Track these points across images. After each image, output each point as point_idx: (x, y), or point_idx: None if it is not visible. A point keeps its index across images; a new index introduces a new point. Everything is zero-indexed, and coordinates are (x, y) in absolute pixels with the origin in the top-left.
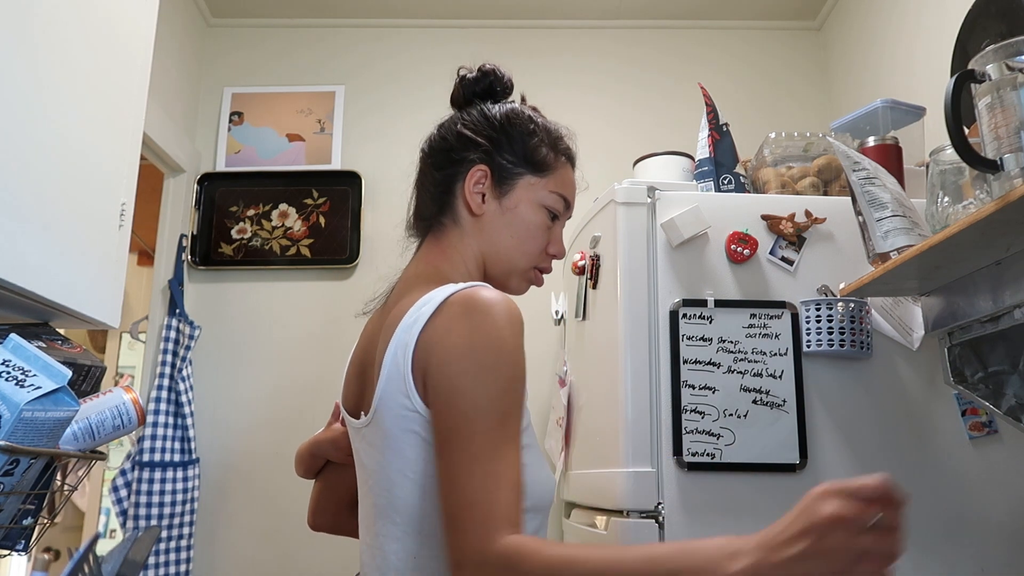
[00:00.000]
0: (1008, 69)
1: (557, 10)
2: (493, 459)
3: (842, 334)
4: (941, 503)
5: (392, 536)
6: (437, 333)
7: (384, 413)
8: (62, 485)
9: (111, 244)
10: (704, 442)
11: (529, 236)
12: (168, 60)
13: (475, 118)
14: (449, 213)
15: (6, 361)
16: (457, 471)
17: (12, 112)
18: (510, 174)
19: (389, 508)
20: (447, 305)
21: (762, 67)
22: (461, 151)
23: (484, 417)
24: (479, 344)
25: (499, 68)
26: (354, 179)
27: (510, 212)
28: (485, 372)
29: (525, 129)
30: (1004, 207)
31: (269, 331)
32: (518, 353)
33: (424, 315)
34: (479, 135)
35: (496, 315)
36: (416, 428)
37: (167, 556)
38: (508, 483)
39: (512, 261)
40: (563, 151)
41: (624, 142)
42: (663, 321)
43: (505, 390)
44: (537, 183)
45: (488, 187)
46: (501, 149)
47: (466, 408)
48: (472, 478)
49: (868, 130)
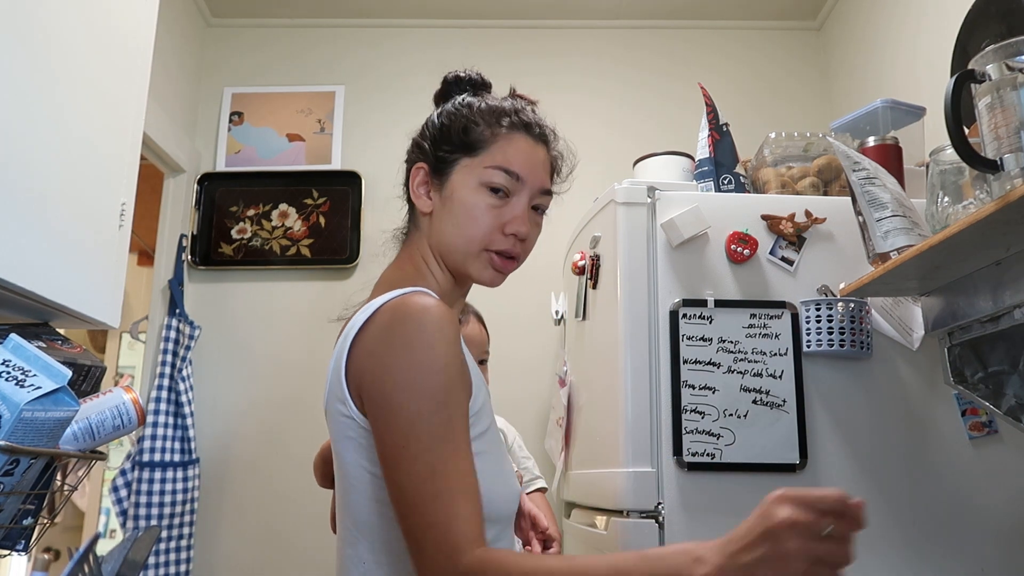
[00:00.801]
0: (1008, 69)
1: (557, 10)
2: (444, 474)
3: (842, 334)
4: (941, 503)
5: (347, 541)
6: (368, 344)
7: (329, 420)
8: (62, 485)
9: (111, 244)
10: (704, 442)
11: (469, 219)
12: (168, 60)
13: (424, 125)
14: (412, 220)
15: (6, 361)
16: (410, 492)
17: (12, 112)
18: (446, 163)
19: (343, 513)
20: (378, 314)
21: (762, 67)
22: (411, 157)
23: (426, 431)
24: (407, 356)
25: (463, 71)
26: (354, 179)
27: (449, 200)
28: (418, 384)
29: (459, 115)
30: (1004, 207)
31: (269, 331)
32: (451, 359)
33: (357, 323)
34: (424, 139)
35: (423, 323)
36: (352, 434)
37: (167, 556)
38: (464, 496)
39: (459, 248)
40: (506, 124)
41: (624, 142)
42: (663, 321)
43: (443, 401)
44: (472, 163)
45: (429, 182)
46: (438, 143)
47: (405, 425)
48: (425, 498)
49: (868, 130)
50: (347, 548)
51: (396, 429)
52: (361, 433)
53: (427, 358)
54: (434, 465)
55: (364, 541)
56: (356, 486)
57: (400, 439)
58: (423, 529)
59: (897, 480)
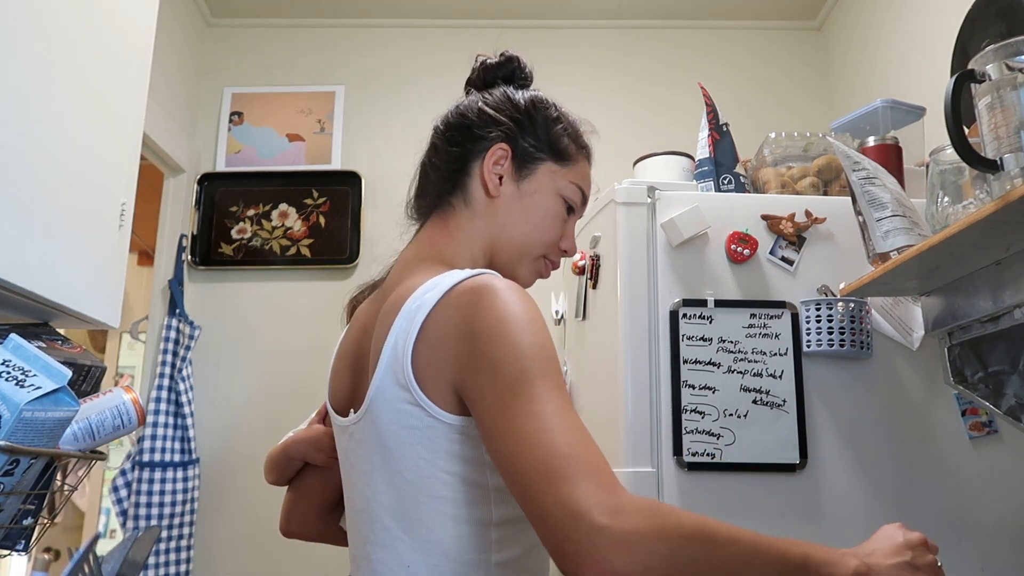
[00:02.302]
0: (1008, 69)
1: (557, 10)
2: (569, 414)
3: (842, 334)
4: (941, 503)
5: (381, 543)
6: (445, 324)
7: (380, 408)
8: (62, 485)
9: (111, 244)
10: (704, 442)
11: (545, 223)
12: (168, 60)
13: (498, 98)
14: (460, 192)
15: (6, 361)
16: (534, 428)
17: (12, 112)
18: (531, 158)
19: (381, 512)
20: (455, 294)
21: (762, 67)
22: (482, 128)
23: (541, 375)
24: (503, 318)
25: (521, 57)
26: (354, 179)
27: (528, 197)
28: (523, 335)
29: (549, 115)
30: (1004, 207)
31: (269, 331)
32: (545, 328)
33: (429, 302)
34: (501, 113)
35: (521, 295)
36: (414, 423)
37: (167, 556)
38: (593, 441)
39: (526, 247)
40: (583, 145)
41: (624, 142)
42: (663, 321)
43: (550, 353)
44: (558, 171)
45: (507, 169)
46: (524, 131)
47: (516, 372)
48: (555, 433)
49: (868, 130)
50: (379, 551)
51: (508, 378)
52: (429, 423)
53: (532, 325)
54: (558, 404)
55: (407, 540)
56: (410, 480)
57: (515, 385)
58: (561, 459)
59: (897, 480)
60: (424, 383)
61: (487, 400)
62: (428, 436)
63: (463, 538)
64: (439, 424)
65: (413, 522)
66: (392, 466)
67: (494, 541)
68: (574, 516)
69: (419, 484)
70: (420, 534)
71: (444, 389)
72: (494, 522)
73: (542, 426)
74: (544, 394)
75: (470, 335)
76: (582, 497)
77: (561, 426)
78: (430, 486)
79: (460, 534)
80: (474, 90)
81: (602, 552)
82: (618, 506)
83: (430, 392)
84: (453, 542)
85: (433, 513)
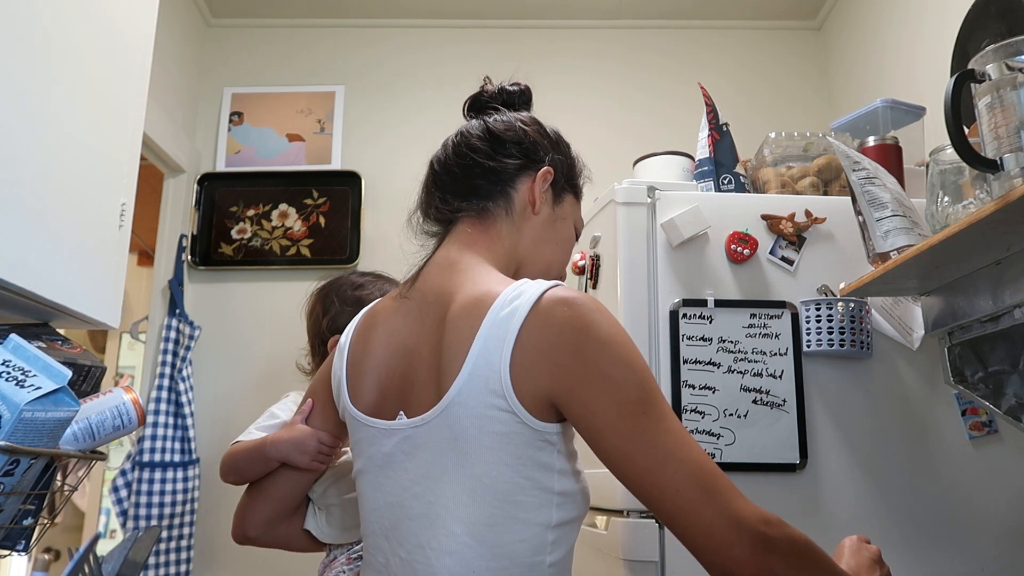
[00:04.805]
0: (1008, 69)
1: (557, 10)
2: (686, 433)
3: (842, 334)
4: (941, 503)
5: (445, 549)
6: (542, 332)
7: (460, 411)
8: (62, 485)
9: (111, 244)
10: (704, 442)
11: (564, 248)
12: (168, 60)
13: (534, 125)
14: (503, 202)
15: (6, 361)
16: (676, 444)
17: (12, 112)
18: (563, 188)
19: (447, 517)
20: (547, 304)
21: (762, 67)
22: (535, 149)
23: (659, 394)
24: (611, 336)
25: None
26: (354, 179)
27: (560, 222)
28: (633, 353)
29: (571, 153)
30: (1004, 207)
31: (269, 331)
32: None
33: (520, 310)
34: (545, 139)
35: (608, 313)
36: (501, 428)
37: (167, 556)
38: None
39: (550, 267)
40: (581, 187)
41: (624, 142)
42: (663, 321)
43: (650, 376)
44: (575, 205)
45: (547, 192)
46: (563, 164)
47: (639, 390)
48: (694, 449)
49: (868, 130)
50: (444, 557)
51: (627, 398)
52: (517, 428)
53: (633, 343)
54: (678, 425)
55: (475, 545)
56: (487, 484)
57: (638, 405)
58: (707, 474)
59: (897, 480)
60: (520, 392)
61: (607, 416)
62: (513, 442)
63: (527, 541)
64: (526, 430)
65: (483, 527)
66: (468, 470)
67: (550, 543)
68: (739, 525)
69: (496, 489)
70: (489, 539)
71: (537, 396)
72: (553, 525)
73: (684, 442)
74: (669, 413)
75: (576, 348)
76: (740, 508)
77: (695, 443)
78: (507, 491)
79: (525, 537)
80: (499, 106)
81: (762, 556)
82: (765, 517)
83: (523, 398)
84: (519, 546)
85: (504, 518)
